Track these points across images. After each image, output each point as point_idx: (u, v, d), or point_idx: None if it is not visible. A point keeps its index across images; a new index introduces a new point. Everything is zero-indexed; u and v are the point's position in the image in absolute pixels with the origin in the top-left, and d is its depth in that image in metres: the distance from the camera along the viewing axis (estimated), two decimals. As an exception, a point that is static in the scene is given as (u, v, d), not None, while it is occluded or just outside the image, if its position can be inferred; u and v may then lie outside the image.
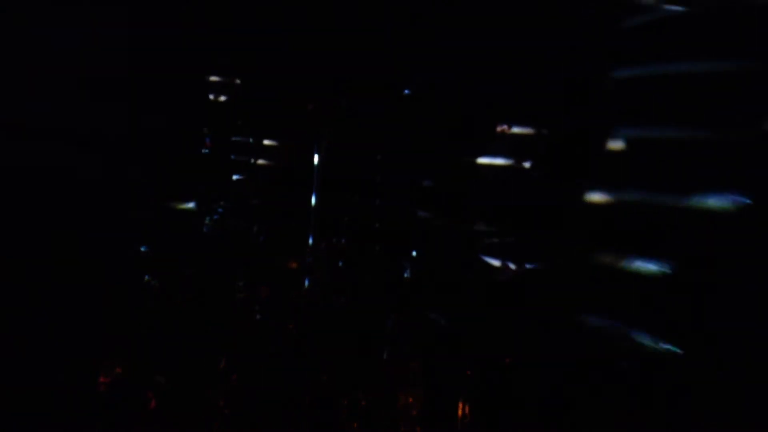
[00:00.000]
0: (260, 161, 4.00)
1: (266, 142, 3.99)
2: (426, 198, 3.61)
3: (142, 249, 3.64)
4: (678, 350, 1.57)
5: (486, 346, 3.03)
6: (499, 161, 3.34)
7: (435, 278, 3.44)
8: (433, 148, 3.62)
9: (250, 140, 3.97)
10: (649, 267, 1.59)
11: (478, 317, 3.11)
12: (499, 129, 3.29)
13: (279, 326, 3.55)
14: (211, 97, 3.97)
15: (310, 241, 3.63)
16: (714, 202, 1.46)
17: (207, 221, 3.86)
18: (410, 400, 3.05)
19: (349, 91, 3.64)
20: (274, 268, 3.82)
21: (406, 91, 3.62)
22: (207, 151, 3.96)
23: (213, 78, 3.99)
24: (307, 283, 3.62)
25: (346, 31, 3.69)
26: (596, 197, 2.05)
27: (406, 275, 3.45)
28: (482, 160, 3.41)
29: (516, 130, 3.23)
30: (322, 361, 3.27)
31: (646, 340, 1.59)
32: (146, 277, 3.62)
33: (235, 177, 4.01)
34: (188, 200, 3.91)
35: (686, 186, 1.56)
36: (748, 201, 1.42)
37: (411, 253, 3.43)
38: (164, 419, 2.99)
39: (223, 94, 3.99)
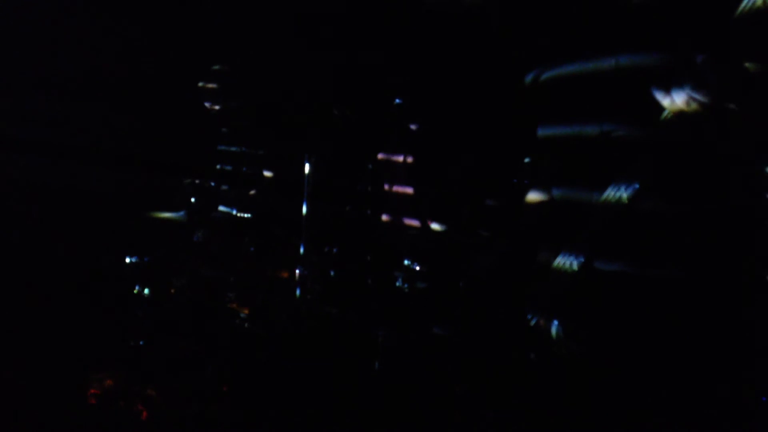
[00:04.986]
0: (252, 171, 4.00)
1: (258, 152, 3.99)
2: (421, 208, 3.62)
3: (133, 259, 3.62)
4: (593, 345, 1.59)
5: (477, 352, 3.04)
6: (487, 167, 3.36)
7: (428, 288, 3.45)
8: (425, 156, 3.64)
9: (242, 150, 3.97)
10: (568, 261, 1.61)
11: (469, 325, 3.13)
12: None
13: (270, 336, 3.54)
14: (205, 105, 3.97)
15: (302, 250, 3.62)
16: (616, 193, 1.51)
17: (197, 231, 3.84)
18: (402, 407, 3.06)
19: (340, 101, 3.65)
20: (266, 278, 3.81)
21: (397, 101, 3.64)
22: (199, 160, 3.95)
23: (206, 86, 3.98)
24: (298, 292, 3.61)
25: (338, 42, 3.71)
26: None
27: (398, 285, 3.46)
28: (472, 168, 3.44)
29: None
30: (313, 370, 3.27)
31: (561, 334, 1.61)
32: (136, 288, 3.60)
33: (226, 187, 4.00)
34: (179, 210, 3.89)
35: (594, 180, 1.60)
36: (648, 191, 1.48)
37: (403, 262, 3.44)
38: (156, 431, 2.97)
39: (215, 103, 3.98)
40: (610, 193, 1.49)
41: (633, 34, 1.54)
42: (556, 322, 1.59)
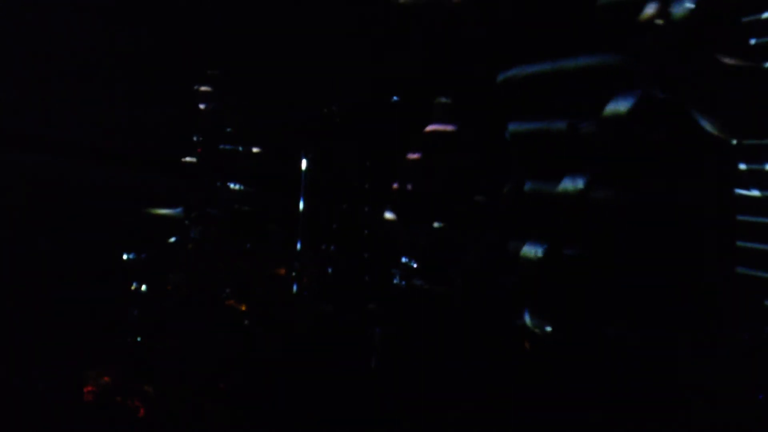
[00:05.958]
0: (249, 168, 4.00)
1: (255, 149, 3.99)
2: (415, 204, 3.62)
3: (130, 256, 3.62)
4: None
5: (475, 348, 3.05)
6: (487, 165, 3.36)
7: (425, 285, 3.45)
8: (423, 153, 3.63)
9: (239, 148, 3.96)
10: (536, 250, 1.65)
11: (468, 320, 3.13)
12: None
13: (267, 332, 3.54)
14: (201, 106, 3.96)
15: (298, 247, 3.62)
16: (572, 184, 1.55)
17: (195, 228, 3.84)
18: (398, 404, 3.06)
19: (338, 99, 3.65)
20: (262, 275, 3.81)
21: (395, 98, 3.63)
22: (195, 158, 3.95)
23: (202, 87, 3.98)
24: (295, 289, 3.62)
25: (336, 41, 3.70)
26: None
27: (395, 282, 3.46)
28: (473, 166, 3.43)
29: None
30: (310, 367, 3.27)
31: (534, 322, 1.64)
32: (134, 284, 3.61)
33: (223, 184, 4.00)
34: (176, 207, 3.89)
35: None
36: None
37: (400, 260, 3.44)
38: (153, 428, 2.97)
39: (212, 103, 3.98)
40: (566, 184, 1.53)
41: (593, 36, 1.59)
42: (526, 310, 1.63)
